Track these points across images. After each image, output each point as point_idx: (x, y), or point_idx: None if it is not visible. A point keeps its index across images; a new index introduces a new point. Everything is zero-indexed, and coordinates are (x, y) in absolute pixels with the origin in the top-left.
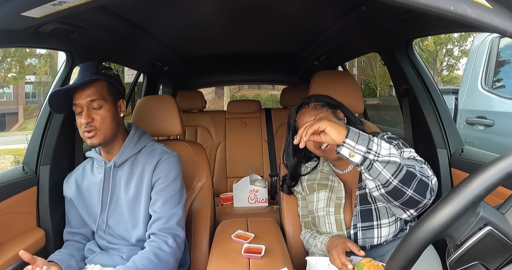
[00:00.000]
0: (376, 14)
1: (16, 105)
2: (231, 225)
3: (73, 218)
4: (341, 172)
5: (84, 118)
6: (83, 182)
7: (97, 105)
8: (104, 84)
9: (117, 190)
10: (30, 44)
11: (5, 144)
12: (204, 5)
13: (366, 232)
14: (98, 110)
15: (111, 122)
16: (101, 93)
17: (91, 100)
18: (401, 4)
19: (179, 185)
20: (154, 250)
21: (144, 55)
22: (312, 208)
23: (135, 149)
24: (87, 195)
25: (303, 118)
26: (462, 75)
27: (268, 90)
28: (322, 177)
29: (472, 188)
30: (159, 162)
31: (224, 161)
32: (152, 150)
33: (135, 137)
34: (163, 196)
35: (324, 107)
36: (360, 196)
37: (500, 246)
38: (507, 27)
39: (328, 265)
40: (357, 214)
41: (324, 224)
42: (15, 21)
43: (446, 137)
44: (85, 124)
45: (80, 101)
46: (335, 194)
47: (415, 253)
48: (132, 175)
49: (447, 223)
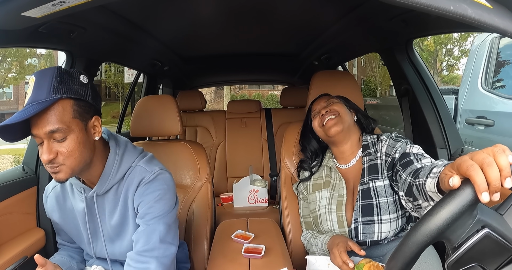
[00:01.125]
0: (376, 14)
1: (16, 105)
2: (231, 225)
3: (63, 233)
4: (344, 167)
5: (45, 155)
6: (65, 204)
7: (59, 137)
8: (68, 104)
9: (104, 224)
10: (30, 44)
11: (5, 144)
12: (204, 5)
13: (367, 227)
14: (62, 142)
15: (81, 154)
16: (64, 119)
17: (51, 131)
18: (401, 4)
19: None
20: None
21: (144, 55)
22: (314, 207)
23: (118, 175)
24: (73, 219)
25: (318, 102)
26: (462, 75)
27: (268, 90)
28: (327, 174)
29: (469, 190)
30: (140, 185)
31: (224, 161)
32: (134, 171)
33: (116, 159)
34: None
35: (340, 99)
36: (362, 191)
37: (498, 248)
38: (507, 27)
39: (328, 265)
40: (358, 208)
41: (325, 222)
42: (15, 21)
43: (446, 137)
44: (46, 162)
45: (37, 131)
46: (337, 191)
47: (413, 256)
48: (116, 204)
49: (444, 226)
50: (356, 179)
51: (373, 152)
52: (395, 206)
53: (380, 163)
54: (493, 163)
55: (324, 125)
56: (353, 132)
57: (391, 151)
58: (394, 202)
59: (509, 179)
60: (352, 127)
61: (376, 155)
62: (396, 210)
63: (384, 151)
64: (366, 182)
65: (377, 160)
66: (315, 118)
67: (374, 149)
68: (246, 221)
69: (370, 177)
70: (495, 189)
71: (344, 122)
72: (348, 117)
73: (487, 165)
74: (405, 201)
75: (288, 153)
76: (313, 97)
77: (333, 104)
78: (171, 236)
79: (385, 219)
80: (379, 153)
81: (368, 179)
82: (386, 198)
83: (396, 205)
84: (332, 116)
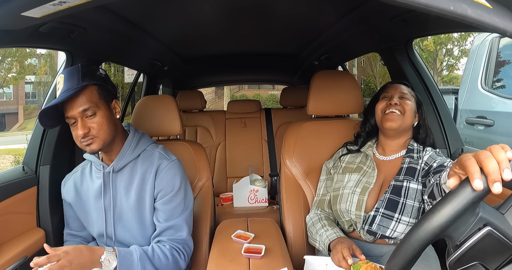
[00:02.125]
0: (376, 14)
1: (16, 105)
2: (231, 225)
3: (72, 221)
4: (381, 158)
5: (81, 130)
6: (82, 186)
7: (91, 113)
8: (93, 89)
9: (118, 196)
10: (30, 44)
11: (5, 144)
12: (204, 5)
13: (384, 220)
14: (92, 117)
15: (109, 127)
16: (93, 99)
17: (83, 110)
18: (401, 4)
19: (183, 193)
20: (171, 250)
21: (144, 55)
22: (339, 186)
23: (134, 153)
24: (86, 200)
25: (396, 88)
26: (462, 75)
27: (268, 90)
28: (361, 161)
29: (471, 188)
30: (159, 170)
31: (224, 161)
32: (151, 154)
33: (134, 140)
34: (168, 207)
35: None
36: (394, 186)
37: (500, 246)
38: (507, 27)
39: (325, 265)
40: (384, 200)
41: (345, 201)
42: (15, 21)
43: (446, 137)
44: (82, 136)
45: (72, 113)
46: (366, 178)
47: (414, 254)
48: (132, 181)
49: (446, 224)
50: (389, 174)
51: (416, 157)
52: (418, 213)
53: (419, 168)
54: (491, 156)
55: (386, 113)
56: (404, 134)
57: (431, 161)
58: (419, 209)
59: (508, 171)
60: (408, 130)
61: (418, 161)
62: (417, 216)
63: (425, 160)
64: (401, 180)
65: (417, 165)
66: (383, 101)
67: (417, 155)
68: (246, 221)
69: (405, 177)
70: (494, 180)
71: (404, 122)
72: (409, 121)
73: (484, 158)
74: (428, 204)
75: (288, 153)
76: (314, 98)
77: (405, 101)
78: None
79: (404, 220)
80: (421, 160)
81: (404, 178)
82: (414, 202)
83: (419, 212)
84: (398, 112)
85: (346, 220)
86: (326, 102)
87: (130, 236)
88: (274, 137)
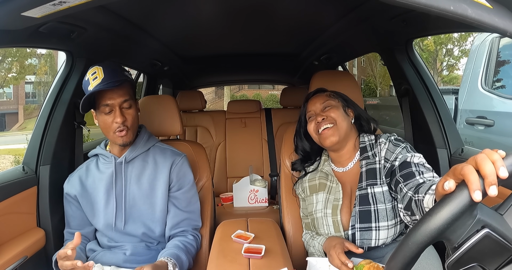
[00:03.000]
0: (376, 14)
1: (16, 105)
2: (231, 225)
3: (72, 219)
4: (341, 171)
5: (119, 117)
6: (87, 179)
7: (128, 105)
8: (129, 85)
9: (129, 184)
10: (30, 44)
11: (5, 144)
12: (204, 5)
13: (364, 233)
14: (128, 109)
15: (138, 121)
16: (130, 93)
17: (124, 100)
18: (401, 4)
19: (195, 185)
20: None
21: (144, 55)
22: (311, 210)
23: (145, 146)
24: (92, 191)
25: (314, 103)
26: (462, 75)
27: (268, 90)
28: (321, 176)
29: (468, 192)
30: (174, 163)
31: (224, 161)
32: (163, 149)
33: (145, 136)
34: (188, 196)
35: (337, 98)
36: (360, 196)
37: (498, 248)
38: (507, 27)
39: (328, 266)
40: (355, 214)
41: (322, 226)
42: (15, 21)
43: (446, 137)
44: (120, 123)
45: (112, 101)
46: (333, 195)
47: (413, 256)
48: (143, 170)
49: (444, 226)
50: (353, 183)
51: (371, 155)
52: (393, 213)
53: (378, 167)
54: (486, 158)
55: (320, 133)
56: (350, 137)
57: (391, 157)
58: (392, 208)
59: (503, 168)
60: (349, 133)
61: (375, 159)
62: (394, 216)
63: (383, 155)
64: (364, 187)
65: (376, 164)
66: (311, 122)
67: (372, 152)
68: (246, 221)
69: (368, 182)
70: (490, 182)
71: (341, 130)
72: (345, 124)
73: (480, 160)
74: (404, 214)
75: (288, 153)
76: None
77: (330, 109)
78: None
79: (383, 226)
80: (378, 157)
81: (366, 184)
82: (385, 204)
83: (394, 211)
84: (329, 125)
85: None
86: None
87: (139, 222)
88: (274, 137)
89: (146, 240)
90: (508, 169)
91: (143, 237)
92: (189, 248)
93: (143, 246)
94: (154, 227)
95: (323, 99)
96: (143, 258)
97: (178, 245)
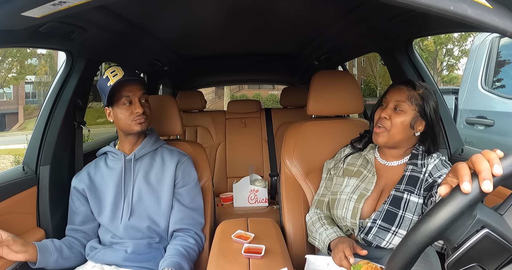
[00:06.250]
0: (376, 14)
1: (16, 105)
2: (231, 225)
3: (76, 215)
4: (383, 163)
5: (140, 108)
6: (96, 175)
7: (145, 98)
8: (144, 84)
9: (138, 180)
10: (30, 44)
11: (5, 144)
12: (204, 5)
13: (381, 232)
14: (146, 102)
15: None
16: (145, 89)
17: (144, 93)
18: (401, 4)
19: (197, 181)
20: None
21: (144, 55)
22: (337, 190)
23: (153, 146)
24: (100, 187)
25: (392, 95)
26: (462, 75)
27: (268, 90)
28: (362, 164)
29: None
30: (179, 163)
31: (224, 161)
32: (170, 150)
33: (154, 137)
34: (192, 193)
35: (416, 105)
36: (394, 197)
37: (498, 248)
38: (507, 27)
39: (327, 264)
40: (382, 210)
41: (341, 208)
42: (15, 21)
43: (446, 137)
44: (140, 113)
45: (133, 93)
46: (365, 184)
47: (412, 256)
48: (151, 167)
49: (443, 227)
50: (389, 181)
51: (420, 164)
52: None
53: (421, 178)
54: (482, 157)
55: (376, 126)
56: (403, 146)
57: (435, 173)
58: None
59: (497, 166)
60: (404, 142)
61: (421, 169)
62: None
63: (430, 169)
64: (402, 190)
65: (420, 174)
66: (379, 110)
67: (421, 162)
68: (246, 221)
69: (406, 187)
70: (484, 178)
71: (392, 138)
72: (400, 136)
73: (476, 158)
74: None
75: (288, 153)
76: (314, 98)
77: (397, 113)
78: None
79: (401, 233)
80: (425, 169)
81: (404, 188)
82: (413, 215)
83: None
84: (384, 127)
85: (343, 225)
86: (326, 102)
87: (144, 215)
88: (274, 137)
89: (149, 235)
90: (506, 168)
91: (147, 231)
92: (191, 253)
93: (144, 244)
94: (159, 221)
95: (401, 97)
96: (143, 256)
97: (180, 251)
